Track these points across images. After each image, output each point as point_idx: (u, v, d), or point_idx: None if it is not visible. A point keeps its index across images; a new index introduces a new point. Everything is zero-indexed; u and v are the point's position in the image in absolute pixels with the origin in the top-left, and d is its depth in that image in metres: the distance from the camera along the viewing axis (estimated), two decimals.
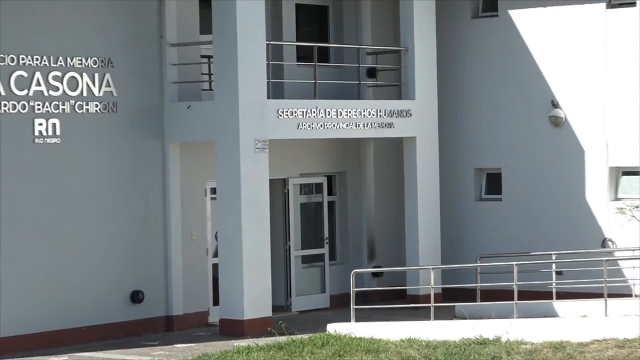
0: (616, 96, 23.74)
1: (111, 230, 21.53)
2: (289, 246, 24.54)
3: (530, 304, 21.24)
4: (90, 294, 21.16)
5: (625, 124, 23.65)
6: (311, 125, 22.83)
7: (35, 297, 20.36)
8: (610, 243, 23.65)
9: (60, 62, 20.82)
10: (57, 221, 20.76)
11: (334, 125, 23.22)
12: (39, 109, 20.50)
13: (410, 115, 24.47)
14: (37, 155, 20.54)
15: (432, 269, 22.97)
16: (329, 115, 23.09)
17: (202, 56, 22.77)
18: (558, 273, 22.57)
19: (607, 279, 21.18)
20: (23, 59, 20.29)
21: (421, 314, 21.54)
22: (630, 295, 22.11)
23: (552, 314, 21.35)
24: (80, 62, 21.07)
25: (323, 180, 25.47)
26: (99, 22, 21.44)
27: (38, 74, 20.48)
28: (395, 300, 23.39)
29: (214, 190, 22.47)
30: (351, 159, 25.81)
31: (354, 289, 21.57)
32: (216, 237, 22.49)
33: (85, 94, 21.13)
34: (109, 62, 21.50)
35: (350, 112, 23.47)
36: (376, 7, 25.91)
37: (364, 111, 23.74)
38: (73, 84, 20.98)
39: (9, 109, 20.08)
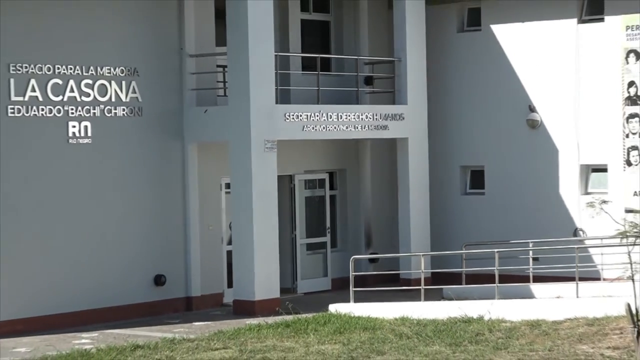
0: (586, 102, 23.75)
1: (136, 220, 21.56)
2: (295, 235, 24.53)
3: (509, 287, 21.15)
4: (118, 278, 21.19)
5: (594, 127, 23.68)
6: (315, 128, 22.85)
7: (68, 280, 20.42)
8: (581, 232, 23.68)
9: (92, 71, 20.84)
10: (87, 213, 20.78)
11: (334, 128, 23.23)
12: (72, 113, 20.55)
13: (403, 118, 24.50)
14: (70, 154, 20.58)
15: (422, 255, 23.12)
16: (330, 118, 23.12)
17: (218, 66, 22.72)
18: (534, 259, 22.56)
19: (578, 265, 21.24)
20: (58, 68, 20.34)
21: (412, 296, 21.52)
22: (598, 279, 22.11)
23: (529, 296, 21.36)
24: (109, 71, 21.12)
25: (325, 176, 25.49)
26: (126, 35, 21.46)
27: (72, 82, 20.52)
28: (389, 283, 23.35)
29: (228, 185, 22.44)
30: (350, 158, 25.81)
31: (353, 273, 21.62)
32: (230, 227, 22.52)
33: (113, 99, 21.17)
34: (135, 71, 21.52)
35: (349, 116, 23.50)
36: (372, 22, 25.91)
37: (361, 115, 23.77)
38: (103, 90, 21.02)
39: (45, 113, 20.16)
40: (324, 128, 23.04)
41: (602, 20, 23.56)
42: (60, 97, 20.41)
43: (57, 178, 20.42)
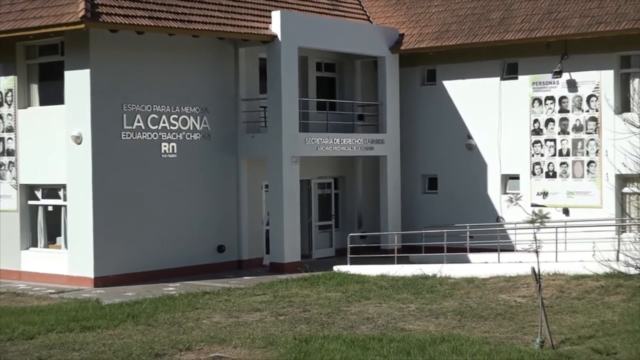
0: (505, 132, 23.73)
1: (206, 209, 21.55)
2: (311, 219, 24.48)
3: (453, 255, 21.19)
4: (193, 247, 21.20)
5: (511, 149, 23.67)
6: (324, 148, 22.81)
7: (160, 248, 20.48)
8: (501, 219, 23.69)
9: (177, 109, 20.88)
10: (174, 204, 20.81)
11: (338, 148, 23.20)
12: (164, 137, 20.60)
13: (383, 142, 24.48)
14: (163, 165, 20.64)
15: (396, 233, 23.38)
16: (335, 142, 23.09)
17: (260, 106, 22.69)
18: (470, 237, 22.54)
19: (499, 241, 21.49)
20: (155, 107, 20.41)
21: (389, 261, 21.53)
22: (512, 250, 22.09)
23: (467, 261, 21.36)
24: (188, 109, 21.14)
25: (331, 180, 25.41)
26: (200, 85, 21.47)
27: (164, 116, 20.58)
28: (373, 252, 23.37)
29: (266, 186, 22.43)
30: (348, 168, 25.72)
31: (349, 245, 21.76)
32: (267, 214, 22.50)
33: (191, 128, 21.18)
34: (206, 109, 21.53)
35: (347, 140, 23.48)
36: (363, 78, 25.85)
37: (355, 140, 23.76)
38: (184, 122, 21.04)
39: (146, 137, 20.25)
40: (330, 148, 23.03)
41: (516, 78, 23.58)
42: (156, 127, 20.49)
43: (155, 179, 20.48)
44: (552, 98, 22.96)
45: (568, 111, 22.71)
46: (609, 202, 21.90)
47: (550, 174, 23.01)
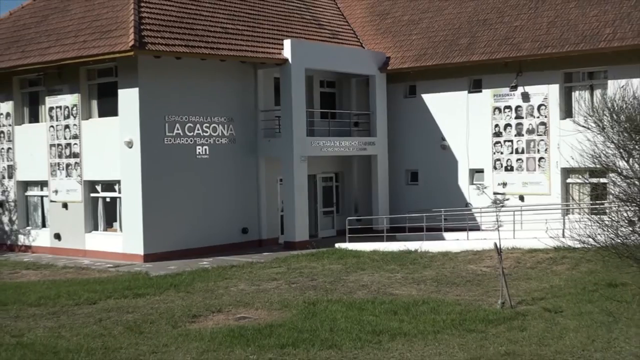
0: (473, 135, 23.61)
1: (232, 199, 21.49)
2: (317, 206, 24.39)
3: (431, 234, 21.18)
4: (223, 229, 21.16)
5: (477, 149, 23.55)
6: (327, 149, 22.73)
7: (195, 230, 20.43)
8: (469, 204, 23.65)
9: (208, 119, 20.81)
10: (206, 195, 20.77)
11: (338, 149, 23.11)
12: (198, 142, 20.53)
13: (374, 144, 24.39)
14: (197, 164, 20.56)
15: (385, 217, 23.39)
16: (335, 144, 23.02)
17: (275, 116, 22.60)
18: (445, 219, 22.61)
19: (468, 222, 21.46)
20: (191, 117, 20.35)
21: (379, 239, 21.47)
22: (478, 229, 22.08)
23: (442, 239, 21.27)
24: (217, 119, 21.07)
25: (333, 175, 25.26)
26: (227, 99, 21.38)
27: (198, 125, 20.50)
28: (367, 232, 23.44)
29: (281, 180, 22.31)
30: (346, 165, 25.58)
31: (347, 227, 21.79)
32: (282, 202, 22.39)
33: (220, 134, 21.12)
34: (231, 119, 21.45)
35: (345, 143, 23.40)
36: (358, 92, 25.67)
37: (352, 142, 23.69)
38: (215, 129, 20.98)
39: (184, 142, 20.17)
40: (332, 149, 22.94)
41: (480, 91, 23.45)
42: (192, 133, 20.43)
43: (191, 175, 20.41)
44: (509, 107, 22.85)
45: (522, 117, 22.60)
46: (556, 190, 21.82)
47: (509, 168, 22.92)
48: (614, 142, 9.10)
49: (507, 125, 22.94)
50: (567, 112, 21.78)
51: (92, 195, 20.85)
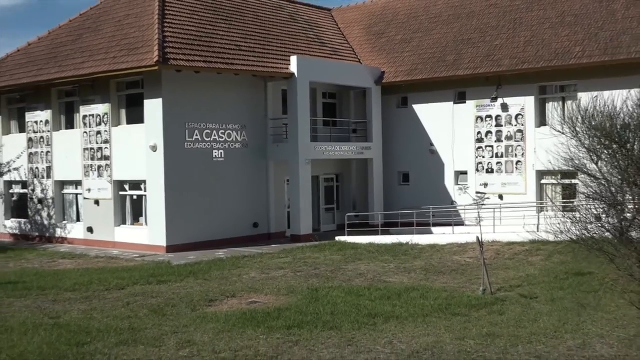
0: (458, 141, 23.54)
1: (245, 197, 21.43)
2: (320, 204, 24.35)
3: (421, 229, 21.15)
4: (236, 223, 21.11)
5: (461, 153, 23.44)
6: (329, 153, 22.67)
7: (212, 224, 20.39)
8: (455, 202, 23.60)
9: (224, 126, 20.78)
10: (222, 193, 20.73)
11: (339, 153, 23.06)
12: (215, 147, 20.50)
13: (371, 149, 24.31)
14: (214, 166, 20.52)
15: (380, 213, 23.31)
16: (336, 148, 22.95)
17: (283, 124, 22.53)
18: (433, 215, 22.58)
19: (453, 218, 21.40)
20: (208, 125, 20.31)
21: (375, 233, 21.51)
22: (463, 225, 22.05)
23: (431, 233, 21.24)
24: (232, 126, 21.04)
25: (334, 176, 25.24)
26: (240, 108, 21.34)
27: (214, 131, 20.48)
28: (364, 227, 23.45)
29: (288, 181, 22.28)
30: (346, 167, 25.52)
31: (347, 222, 21.80)
32: (289, 200, 22.35)
33: (234, 140, 21.09)
34: (244, 126, 21.42)
35: (345, 147, 23.34)
36: (356, 103, 25.54)
37: (351, 147, 23.62)
38: (230, 136, 20.95)
39: (202, 147, 20.14)
40: (333, 153, 22.89)
41: (465, 102, 23.37)
42: (209, 139, 20.40)
43: (208, 176, 20.30)
44: (490, 116, 22.78)
45: (502, 126, 22.52)
46: (531, 190, 21.77)
47: (490, 170, 22.85)
48: (585, 146, 9.12)
49: (488, 132, 22.87)
50: (541, 121, 21.75)
51: (121, 193, 20.86)
